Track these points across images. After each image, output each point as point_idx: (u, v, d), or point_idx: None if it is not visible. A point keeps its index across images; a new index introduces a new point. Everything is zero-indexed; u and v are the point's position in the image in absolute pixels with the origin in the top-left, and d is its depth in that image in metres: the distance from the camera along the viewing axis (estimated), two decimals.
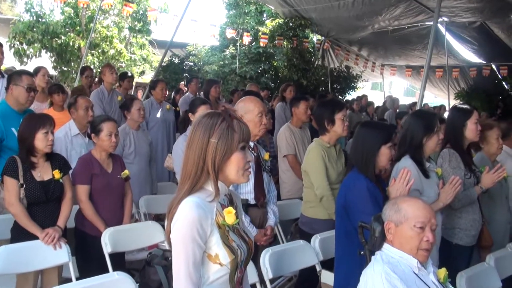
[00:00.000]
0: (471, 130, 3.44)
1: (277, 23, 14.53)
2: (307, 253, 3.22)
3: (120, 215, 3.69)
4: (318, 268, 3.21)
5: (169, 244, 1.72)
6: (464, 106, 3.63)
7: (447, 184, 3.02)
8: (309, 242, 3.31)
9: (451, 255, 3.36)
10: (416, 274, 2.07)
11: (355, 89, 16.33)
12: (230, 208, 1.74)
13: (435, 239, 2.13)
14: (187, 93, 8.06)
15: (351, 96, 15.65)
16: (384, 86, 20.72)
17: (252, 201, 3.29)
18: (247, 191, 3.29)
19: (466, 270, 3.04)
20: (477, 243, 3.54)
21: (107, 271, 3.06)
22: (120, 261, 3.51)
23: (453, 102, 14.30)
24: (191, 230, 1.64)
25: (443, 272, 2.20)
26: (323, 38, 15.52)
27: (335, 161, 3.62)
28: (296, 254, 3.19)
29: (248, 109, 3.31)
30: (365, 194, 2.66)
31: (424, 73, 5.19)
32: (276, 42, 14.15)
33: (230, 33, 14.12)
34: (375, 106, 12.84)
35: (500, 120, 5.12)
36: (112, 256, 3.29)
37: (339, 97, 15.01)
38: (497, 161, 3.85)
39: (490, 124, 3.90)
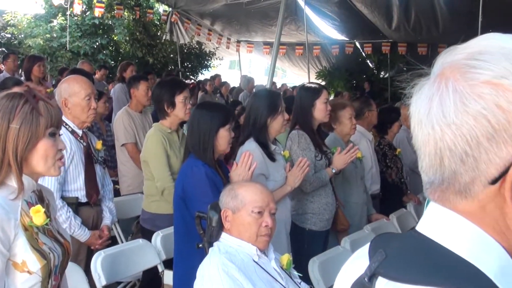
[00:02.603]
0: (320, 110, 3.64)
1: None
2: (147, 253, 3.24)
3: None
4: (160, 268, 3.26)
5: None
6: (313, 85, 3.86)
7: (294, 166, 3.23)
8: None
9: (305, 242, 3.59)
10: (256, 262, 2.22)
11: (210, 68, 16.57)
12: (39, 207, 1.71)
13: (275, 224, 2.30)
14: (2, 73, 7.59)
15: (204, 76, 15.87)
16: (242, 65, 21.22)
17: (83, 199, 3.23)
18: (77, 188, 3.22)
19: (319, 256, 3.24)
20: (333, 227, 3.81)
21: None
22: None
23: None
24: None
25: (286, 258, 2.38)
26: (170, 9, 15.44)
27: (177, 148, 3.67)
28: (134, 255, 3.19)
29: (73, 91, 3.23)
30: (203, 182, 2.76)
31: (274, 49, 5.47)
32: (115, 12, 13.79)
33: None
34: (230, 87, 13.22)
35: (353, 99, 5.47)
36: None
37: (191, 77, 15.14)
38: (350, 142, 4.09)
39: (342, 104, 4.14)
